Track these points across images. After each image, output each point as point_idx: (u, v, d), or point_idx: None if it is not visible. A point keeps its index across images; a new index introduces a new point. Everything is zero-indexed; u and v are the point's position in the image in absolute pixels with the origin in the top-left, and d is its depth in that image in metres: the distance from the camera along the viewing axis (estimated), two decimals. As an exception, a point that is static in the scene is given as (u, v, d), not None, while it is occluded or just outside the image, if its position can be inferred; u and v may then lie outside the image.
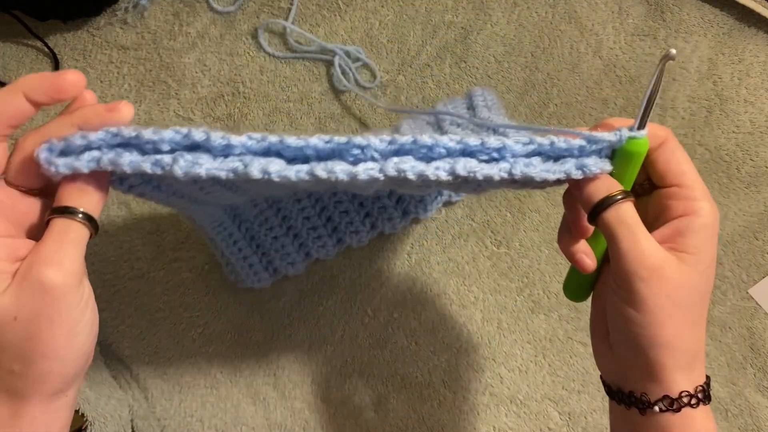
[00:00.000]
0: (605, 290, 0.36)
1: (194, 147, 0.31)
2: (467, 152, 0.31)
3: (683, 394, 0.32)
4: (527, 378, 0.56)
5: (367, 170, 0.30)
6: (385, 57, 0.58)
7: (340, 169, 0.30)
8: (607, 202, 0.32)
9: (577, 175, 0.32)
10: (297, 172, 0.30)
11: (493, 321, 0.57)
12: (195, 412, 0.55)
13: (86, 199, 0.31)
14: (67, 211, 0.30)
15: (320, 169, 0.30)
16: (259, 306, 0.56)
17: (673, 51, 0.31)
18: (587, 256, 0.36)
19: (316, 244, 0.53)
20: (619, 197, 0.32)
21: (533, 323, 0.57)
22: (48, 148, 0.30)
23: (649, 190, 0.36)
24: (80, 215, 0.30)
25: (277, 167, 0.30)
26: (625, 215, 0.32)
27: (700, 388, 0.33)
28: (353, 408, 0.56)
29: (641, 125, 0.33)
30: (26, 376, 0.30)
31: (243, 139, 0.30)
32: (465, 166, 0.30)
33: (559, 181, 0.33)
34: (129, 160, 0.30)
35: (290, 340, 0.56)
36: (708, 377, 0.34)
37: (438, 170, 0.30)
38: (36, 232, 0.32)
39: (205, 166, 0.30)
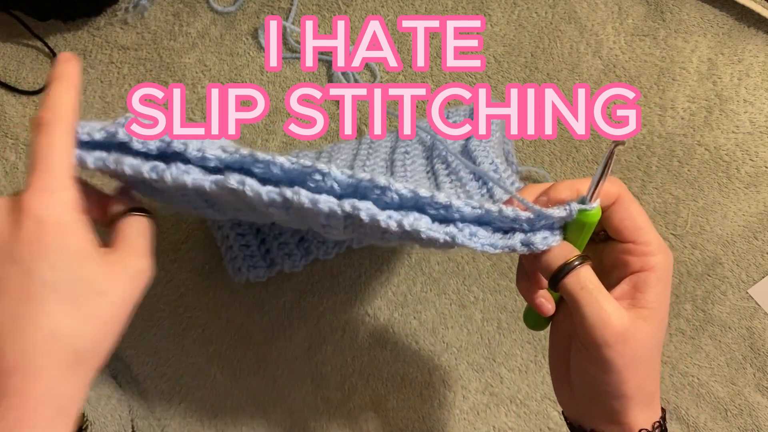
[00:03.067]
0: (563, 327, 0.38)
1: (172, 156, 0.33)
2: (418, 202, 0.32)
3: None
4: (527, 378, 0.56)
5: (328, 202, 0.31)
6: (385, 57, 0.59)
7: (305, 194, 0.31)
8: (566, 269, 0.32)
9: (522, 251, 0.32)
10: (268, 192, 0.31)
11: (493, 321, 0.57)
12: (195, 412, 0.55)
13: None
14: (142, 210, 0.35)
15: (289, 192, 0.31)
16: (259, 306, 0.56)
17: (625, 139, 0.31)
18: (547, 300, 0.37)
19: (316, 239, 0.53)
20: (577, 263, 0.32)
21: (533, 323, 0.57)
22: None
23: (604, 238, 0.36)
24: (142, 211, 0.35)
25: (252, 182, 0.31)
26: (585, 280, 0.32)
27: (657, 423, 0.34)
28: (353, 408, 0.56)
29: (592, 198, 0.33)
30: (98, 354, 0.31)
31: (217, 152, 0.32)
32: (413, 222, 0.31)
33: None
34: (130, 162, 0.32)
35: (290, 340, 0.56)
36: (663, 410, 0.35)
37: (390, 219, 0.31)
38: None
39: (193, 176, 0.32)
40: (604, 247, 0.36)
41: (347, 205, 0.31)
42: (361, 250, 0.57)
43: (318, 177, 0.31)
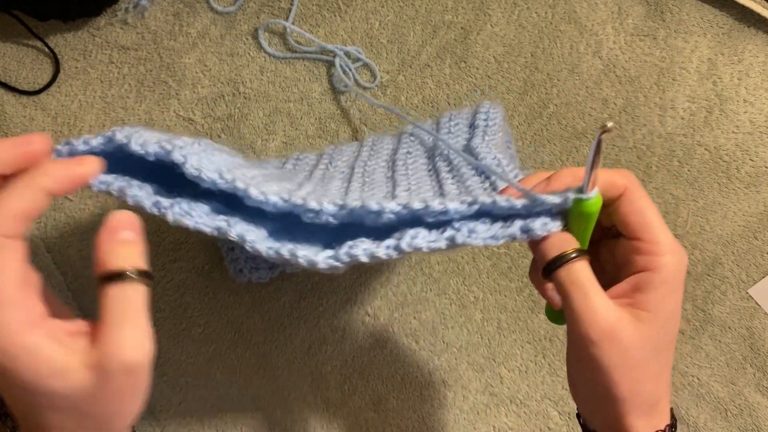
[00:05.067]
0: None
1: (169, 165, 0.33)
2: (415, 215, 0.32)
3: None
4: (527, 378, 0.56)
5: (326, 258, 0.33)
6: (385, 57, 0.59)
7: (302, 254, 0.33)
8: (560, 260, 0.31)
9: (522, 238, 0.32)
10: (268, 249, 0.33)
11: (493, 321, 0.57)
12: (195, 412, 0.55)
13: (132, 252, 0.28)
14: (122, 277, 0.27)
15: (285, 250, 0.33)
16: (259, 306, 0.56)
17: (610, 123, 0.29)
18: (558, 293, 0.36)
19: None
20: (573, 256, 0.31)
21: (533, 323, 0.57)
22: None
23: (616, 234, 0.35)
24: (135, 275, 0.27)
25: (253, 236, 0.33)
26: (578, 275, 0.31)
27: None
28: (353, 408, 0.56)
29: (588, 187, 0.31)
30: None
31: (213, 175, 0.33)
32: (411, 242, 0.32)
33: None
34: (133, 194, 0.33)
35: (290, 340, 0.56)
36: (674, 419, 0.34)
37: (388, 249, 0.32)
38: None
39: (195, 219, 0.33)
40: (616, 243, 0.35)
41: (344, 256, 0.33)
42: (361, 250, 0.57)
43: (311, 214, 0.33)
